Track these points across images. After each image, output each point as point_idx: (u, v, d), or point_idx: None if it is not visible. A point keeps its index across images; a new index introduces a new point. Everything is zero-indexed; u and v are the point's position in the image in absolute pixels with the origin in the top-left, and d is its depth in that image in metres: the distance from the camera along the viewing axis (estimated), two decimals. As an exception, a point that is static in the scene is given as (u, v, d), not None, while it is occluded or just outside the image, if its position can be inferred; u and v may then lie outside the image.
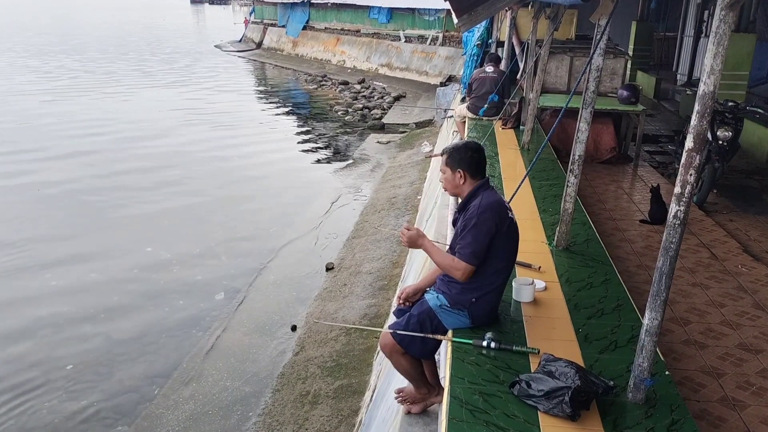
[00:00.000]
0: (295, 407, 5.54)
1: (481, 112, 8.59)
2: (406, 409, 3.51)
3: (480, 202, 3.13)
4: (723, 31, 2.23)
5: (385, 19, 29.04)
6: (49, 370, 6.29)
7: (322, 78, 26.83)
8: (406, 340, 3.17)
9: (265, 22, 40.74)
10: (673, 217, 2.44)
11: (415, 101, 20.59)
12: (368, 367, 5.87)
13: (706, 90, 2.31)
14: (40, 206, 10.89)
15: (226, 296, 7.80)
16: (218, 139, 16.31)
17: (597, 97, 4.34)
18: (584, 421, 2.55)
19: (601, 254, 4.41)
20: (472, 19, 3.46)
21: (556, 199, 5.41)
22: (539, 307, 3.55)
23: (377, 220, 9.91)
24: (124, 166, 13.41)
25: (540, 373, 2.70)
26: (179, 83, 25.58)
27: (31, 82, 24.56)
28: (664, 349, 3.73)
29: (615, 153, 8.45)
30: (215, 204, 11.29)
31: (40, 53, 33.45)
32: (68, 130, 16.55)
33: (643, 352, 2.64)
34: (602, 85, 8.73)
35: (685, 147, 2.39)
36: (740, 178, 8.02)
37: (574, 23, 11.06)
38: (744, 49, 10.29)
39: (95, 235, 9.73)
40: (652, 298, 2.58)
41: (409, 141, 15.26)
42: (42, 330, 7.01)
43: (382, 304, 6.99)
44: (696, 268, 5.15)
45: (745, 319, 4.31)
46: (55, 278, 8.19)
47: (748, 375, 3.63)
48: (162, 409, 5.73)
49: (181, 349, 6.68)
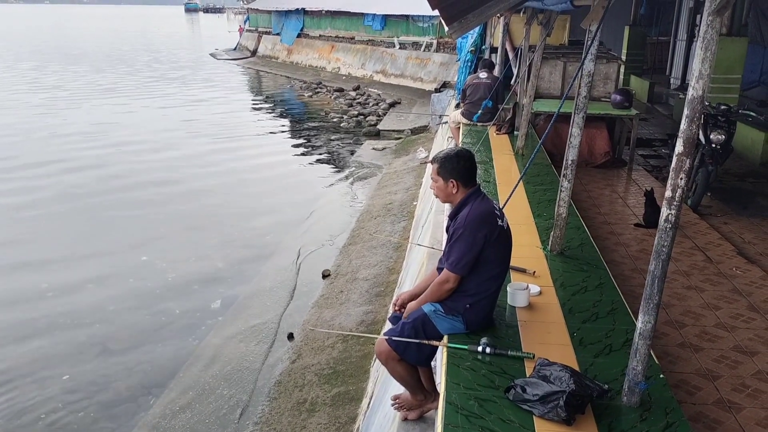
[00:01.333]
0: (293, 415, 5.53)
1: (475, 117, 8.62)
2: (403, 416, 3.51)
3: (468, 213, 3.16)
4: (710, 36, 2.25)
5: (379, 26, 29.14)
6: (45, 381, 6.27)
7: (317, 85, 26.88)
8: (402, 346, 3.18)
9: (259, 30, 40.85)
10: (665, 220, 2.46)
11: (410, 107, 20.64)
12: (365, 374, 5.86)
13: (695, 94, 2.32)
14: (33, 217, 10.86)
15: (223, 304, 7.79)
16: (212, 148, 16.32)
17: (590, 101, 4.37)
18: (579, 425, 2.56)
19: (595, 258, 4.43)
20: (463, 26, 3.48)
21: (550, 203, 5.43)
22: (534, 312, 3.56)
23: (373, 226, 9.91)
24: (117, 176, 13.40)
25: (535, 377, 2.71)
26: (175, 94, 25.59)
27: (28, 92, 24.54)
28: (659, 353, 3.74)
29: (609, 157, 8.48)
30: (211, 212, 11.28)
31: (39, 66, 33.41)
32: (66, 142, 16.53)
33: (637, 355, 2.65)
34: (595, 90, 8.77)
35: (675, 151, 2.41)
36: (734, 181, 8.05)
37: (567, 29, 11.12)
38: (736, 52, 10.35)
39: (90, 245, 9.70)
40: (645, 302, 2.59)
41: (405, 147, 15.29)
42: (38, 340, 6.98)
43: (378, 311, 6.98)
44: (691, 271, 5.17)
45: (740, 321, 4.32)
46: (51, 289, 8.17)
47: (744, 377, 3.64)
48: (158, 418, 5.71)
49: (177, 358, 6.66)
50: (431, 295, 3.26)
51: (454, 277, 3.16)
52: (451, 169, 3.21)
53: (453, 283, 3.18)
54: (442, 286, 3.20)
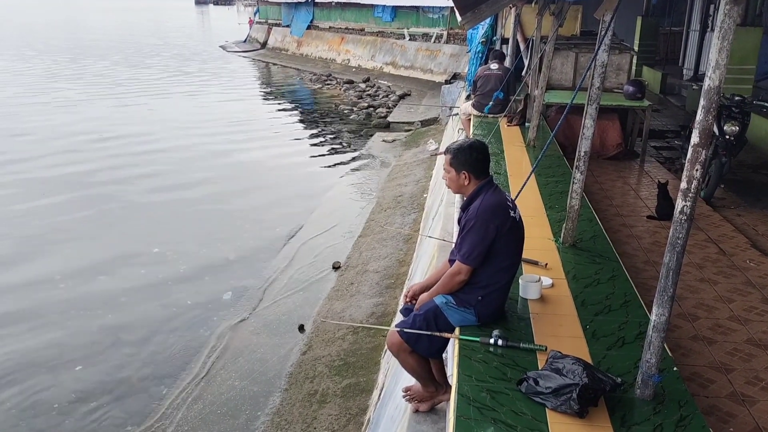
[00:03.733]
0: (304, 406, 5.55)
1: (486, 109, 8.58)
2: (414, 408, 3.51)
3: (480, 204, 3.15)
4: (728, 25, 2.21)
5: (389, 18, 29.00)
6: (58, 371, 6.32)
7: (327, 77, 26.83)
8: (413, 338, 3.18)
9: (269, 22, 40.77)
10: (680, 212, 2.44)
11: (420, 99, 20.56)
12: (376, 365, 5.87)
13: (712, 85, 2.30)
14: (44, 209, 10.93)
15: (234, 296, 7.82)
16: (221, 139, 16.33)
17: (602, 93, 4.33)
18: (592, 417, 2.55)
19: (608, 250, 4.41)
20: (476, 16, 3.46)
21: (562, 195, 5.40)
22: (546, 304, 3.55)
23: (384, 218, 9.91)
24: (127, 168, 13.44)
25: (547, 370, 2.70)
26: (185, 88, 25.62)
27: (40, 85, 24.66)
28: (672, 345, 3.72)
29: (621, 149, 8.42)
30: (221, 204, 11.31)
31: (53, 60, 33.53)
32: (79, 134, 16.58)
33: (650, 348, 2.64)
34: (608, 81, 8.70)
35: (691, 142, 2.39)
36: (748, 173, 7.98)
37: (579, 19, 11.02)
38: (750, 42, 10.24)
39: (102, 237, 9.76)
40: (659, 294, 2.57)
41: (415, 139, 15.25)
42: (51, 331, 7.05)
43: (389, 303, 6.99)
44: (704, 263, 5.13)
45: (754, 314, 4.29)
46: (64, 280, 8.23)
47: (758, 370, 3.62)
48: (171, 409, 5.75)
49: (189, 349, 6.70)
50: (443, 286, 3.25)
51: (466, 268, 3.16)
52: (464, 161, 3.20)
53: (465, 275, 3.17)
54: (453, 277, 3.20)
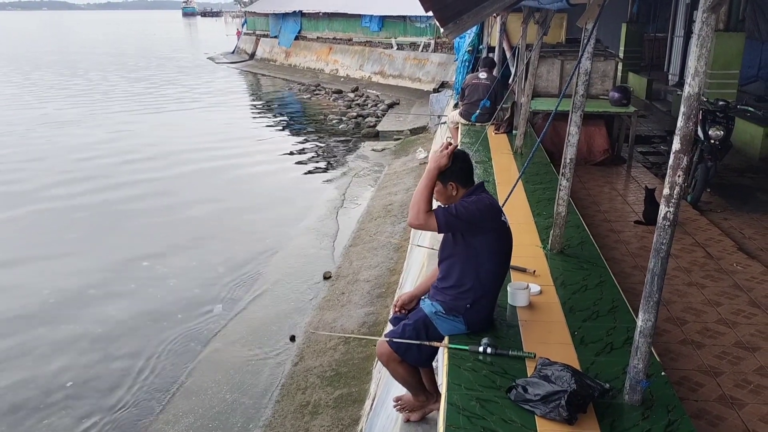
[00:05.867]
0: (296, 418, 5.53)
1: (473, 117, 8.62)
2: (405, 417, 3.51)
3: (474, 198, 3.16)
4: (705, 33, 2.25)
5: (377, 27, 29.11)
6: (48, 388, 6.27)
7: (316, 87, 26.88)
8: (403, 348, 3.18)
9: (257, 33, 40.85)
10: (663, 218, 2.46)
11: (409, 108, 20.62)
12: (368, 375, 5.86)
13: (692, 92, 2.32)
14: (37, 223, 10.86)
15: (224, 308, 7.79)
16: (211, 153, 16.29)
17: (588, 99, 4.37)
18: (581, 424, 2.56)
19: (595, 256, 4.43)
20: (458, 27, 3.48)
21: (549, 202, 5.43)
22: (535, 311, 3.56)
23: (374, 227, 9.91)
24: (116, 184, 13.38)
25: (536, 377, 2.71)
26: (174, 100, 25.60)
27: (35, 100, 24.55)
28: (660, 350, 3.74)
29: (608, 155, 8.48)
30: (210, 216, 11.28)
31: (42, 76, 33.40)
32: (70, 151, 16.50)
33: (637, 353, 2.65)
34: (593, 88, 8.77)
35: (673, 148, 2.41)
36: (733, 177, 8.05)
37: (564, 27, 11.12)
38: (734, 48, 10.35)
39: (92, 251, 9.71)
40: (645, 300, 2.59)
41: (404, 148, 15.29)
42: (40, 347, 6.98)
43: (380, 312, 6.98)
44: (691, 267, 5.17)
45: (741, 317, 4.32)
46: (53, 295, 8.18)
47: (746, 373, 3.64)
48: (162, 423, 5.71)
49: (179, 363, 6.66)
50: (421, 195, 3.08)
51: (431, 222, 3.05)
52: (449, 172, 3.20)
53: (423, 224, 3.06)
54: (420, 210, 3.04)
